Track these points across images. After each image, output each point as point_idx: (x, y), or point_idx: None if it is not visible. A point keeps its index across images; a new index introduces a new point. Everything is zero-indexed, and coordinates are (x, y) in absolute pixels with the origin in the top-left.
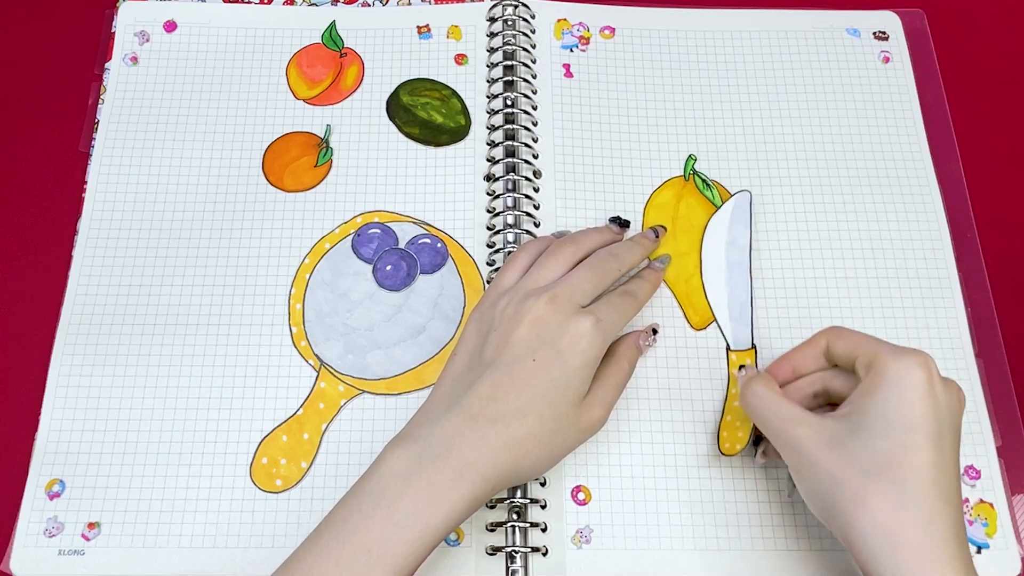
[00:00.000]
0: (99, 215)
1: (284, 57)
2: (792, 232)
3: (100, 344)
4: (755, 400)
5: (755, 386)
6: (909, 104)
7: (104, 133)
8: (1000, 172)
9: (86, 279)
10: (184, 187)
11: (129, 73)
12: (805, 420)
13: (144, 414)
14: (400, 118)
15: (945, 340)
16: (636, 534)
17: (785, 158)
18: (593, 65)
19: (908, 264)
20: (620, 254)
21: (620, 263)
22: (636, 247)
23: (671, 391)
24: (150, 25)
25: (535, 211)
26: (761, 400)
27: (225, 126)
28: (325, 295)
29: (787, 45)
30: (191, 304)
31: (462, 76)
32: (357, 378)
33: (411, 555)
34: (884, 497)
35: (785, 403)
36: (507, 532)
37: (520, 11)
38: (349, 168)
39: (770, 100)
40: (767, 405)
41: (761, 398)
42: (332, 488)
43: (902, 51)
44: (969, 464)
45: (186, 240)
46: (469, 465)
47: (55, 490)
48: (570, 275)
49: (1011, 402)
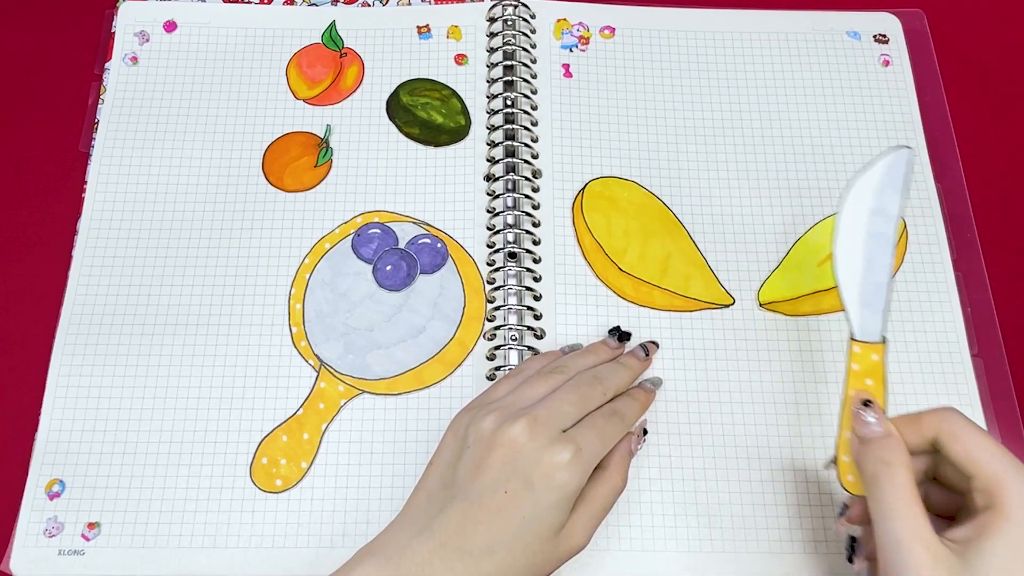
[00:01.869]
0: (99, 215)
1: (284, 57)
2: (791, 234)
3: (100, 344)
4: (889, 484)
5: (897, 466)
6: (908, 108)
7: (104, 133)
8: (1000, 172)
9: (86, 279)
10: (184, 187)
11: (129, 73)
12: (929, 542)
13: (144, 414)
14: (400, 118)
15: (943, 343)
16: (631, 535)
17: (784, 159)
18: (593, 65)
19: (906, 266)
20: (605, 378)
21: (605, 387)
22: (623, 370)
23: (665, 391)
24: (150, 25)
25: (535, 211)
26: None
27: (225, 126)
28: (325, 295)
29: (787, 47)
30: (191, 304)
31: (462, 76)
32: (357, 378)
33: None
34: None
35: (919, 507)
36: None
37: (520, 11)
38: (349, 168)
39: (769, 101)
40: (900, 498)
41: (898, 488)
42: (332, 488)
43: (902, 54)
44: None
45: (186, 240)
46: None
47: (55, 490)
48: (552, 397)
49: (1011, 402)
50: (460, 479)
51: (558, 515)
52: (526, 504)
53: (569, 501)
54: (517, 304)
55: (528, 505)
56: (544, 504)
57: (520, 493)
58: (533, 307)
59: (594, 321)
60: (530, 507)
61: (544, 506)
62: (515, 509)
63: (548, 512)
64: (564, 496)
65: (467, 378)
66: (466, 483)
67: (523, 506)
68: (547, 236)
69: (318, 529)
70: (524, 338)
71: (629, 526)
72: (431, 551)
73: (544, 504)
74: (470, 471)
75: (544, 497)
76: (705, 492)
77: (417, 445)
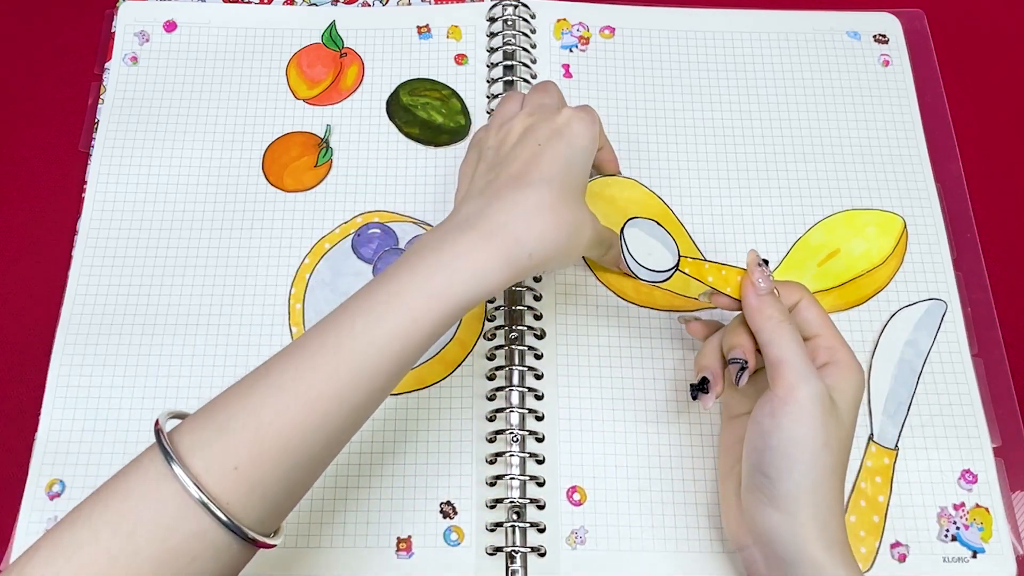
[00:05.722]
0: (99, 215)
1: (284, 57)
2: (791, 234)
3: (100, 344)
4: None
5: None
6: (908, 108)
7: (104, 133)
8: (1000, 172)
9: (86, 279)
10: (184, 187)
11: (129, 73)
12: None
13: (144, 414)
14: (400, 118)
15: (943, 343)
16: (631, 535)
17: (784, 160)
18: (593, 65)
19: (906, 266)
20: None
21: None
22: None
23: (666, 391)
24: (150, 25)
25: None
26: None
27: (225, 126)
28: (325, 295)
29: (787, 47)
30: (191, 304)
31: (462, 76)
32: None
33: (431, 312)
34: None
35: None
36: (507, 532)
37: (520, 11)
38: (349, 168)
39: (769, 101)
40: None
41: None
42: (332, 488)
43: (902, 54)
44: (966, 468)
45: (186, 240)
46: (501, 226)
47: (55, 490)
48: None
49: (1011, 402)
50: (494, 160)
51: (587, 161)
52: (562, 145)
53: (591, 149)
54: (517, 305)
55: (564, 146)
56: (577, 147)
57: (553, 140)
58: (533, 307)
59: (594, 321)
60: (566, 147)
61: (577, 148)
62: (555, 150)
63: (581, 155)
64: (591, 138)
65: (467, 378)
66: (501, 159)
67: (560, 146)
68: None
69: (319, 529)
70: (524, 338)
71: (632, 526)
72: (491, 197)
73: (577, 147)
74: (499, 151)
75: (574, 140)
76: (716, 493)
77: (417, 445)
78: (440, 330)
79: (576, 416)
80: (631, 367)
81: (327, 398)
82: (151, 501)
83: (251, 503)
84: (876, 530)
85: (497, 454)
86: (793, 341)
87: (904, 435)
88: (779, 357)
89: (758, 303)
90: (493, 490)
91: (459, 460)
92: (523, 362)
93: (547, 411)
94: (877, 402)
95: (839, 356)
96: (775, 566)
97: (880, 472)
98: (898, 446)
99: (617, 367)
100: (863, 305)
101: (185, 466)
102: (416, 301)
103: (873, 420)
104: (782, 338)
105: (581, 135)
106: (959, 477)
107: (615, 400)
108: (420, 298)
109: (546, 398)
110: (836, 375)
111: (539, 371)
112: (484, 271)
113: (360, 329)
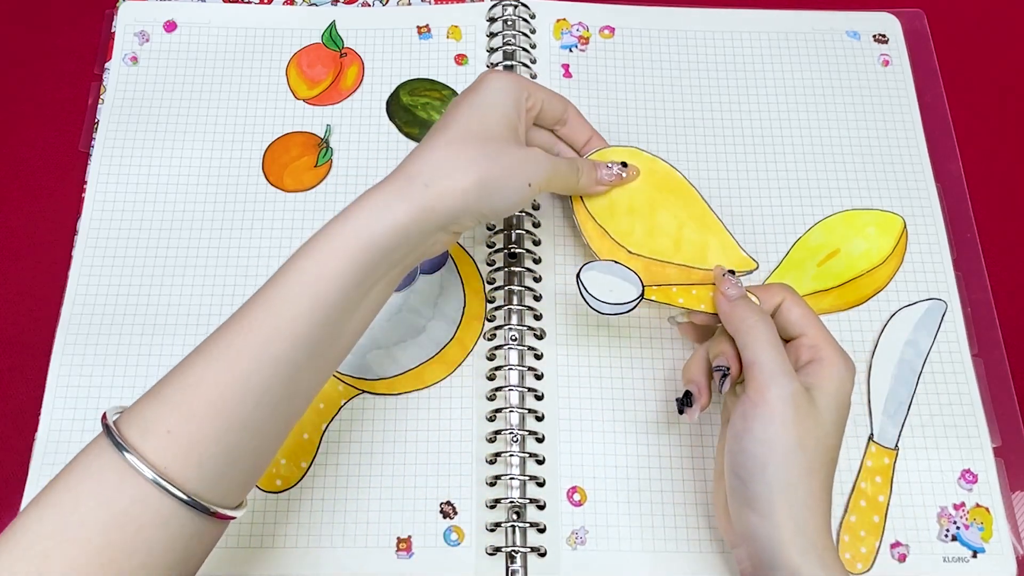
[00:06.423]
0: (99, 215)
1: (284, 57)
2: (791, 234)
3: (100, 344)
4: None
5: (763, 317)
6: (908, 108)
7: (104, 133)
8: (1000, 172)
9: (86, 279)
10: (184, 187)
11: (129, 73)
12: (792, 372)
13: None
14: (400, 118)
15: (943, 343)
16: (631, 535)
17: (784, 160)
18: (592, 65)
19: (906, 266)
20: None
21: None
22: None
23: (667, 392)
24: (150, 25)
25: (535, 211)
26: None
27: (225, 126)
28: None
29: (787, 47)
30: (191, 304)
31: (462, 76)
32: (357, 378)
33: (335, 251)
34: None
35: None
36: (507, 532)
37: (520, 11)
38: (349, 168)
39: (769, 101)
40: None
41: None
42: (332, 488)
43: (901, 54)
44: (966, 468)
45: (186, 240)
46: (399, 169)
47: None
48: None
49: (1011, 402)
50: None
51: (499, 109)
52: (473, 97)
53: (505, 100)
54: (517, 305)
55: (473, 96)
56: (488, 99)
57: (466, 95)
58: (533, 307)
59: (594, 321)
60: (475, 98)
61: (488, 99)
62: (467, 102)
63: (493, 106)
64: (502, 89)
65: (467, 378)
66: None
67: (471, 98)
68: (547, 236)
69: (318, 529)
70: (524, 338)
71: (632, 527)
72: (414, 153)
73: (488, 99)
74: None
75: (486, 93)
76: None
77: (417, 445)
78: (353, 271)
79: (576, 416)
80: (631, 367)
81: (247, 355)
82: (93, 471)
83: (188, 467)
84: (876, 530)
85: (497, 454)
86: (766, 343)
87: (904, 435)
88: (750, 359)
89: (730, 308)
90: (493, 490)
91: (459, 460)
92: (523, 362)
93: (547, 411)
94: (877, 402)
95: (823, 353)
96: (759, 567)
97: (880, 472)
98: (898, 446)
99: (617, 367)
100: (863, 305)
101: (122, 435)
102: (322, 243)
103: (873, 420)
104: (755, 340)
105: (491, 88)
106: (959, 477)
107: (615, 400)
108: (325, 240)
109: (546, 398)
110: (817, 373)
111: (539, 371)
112: (380, 205)
113: (275, 281)
